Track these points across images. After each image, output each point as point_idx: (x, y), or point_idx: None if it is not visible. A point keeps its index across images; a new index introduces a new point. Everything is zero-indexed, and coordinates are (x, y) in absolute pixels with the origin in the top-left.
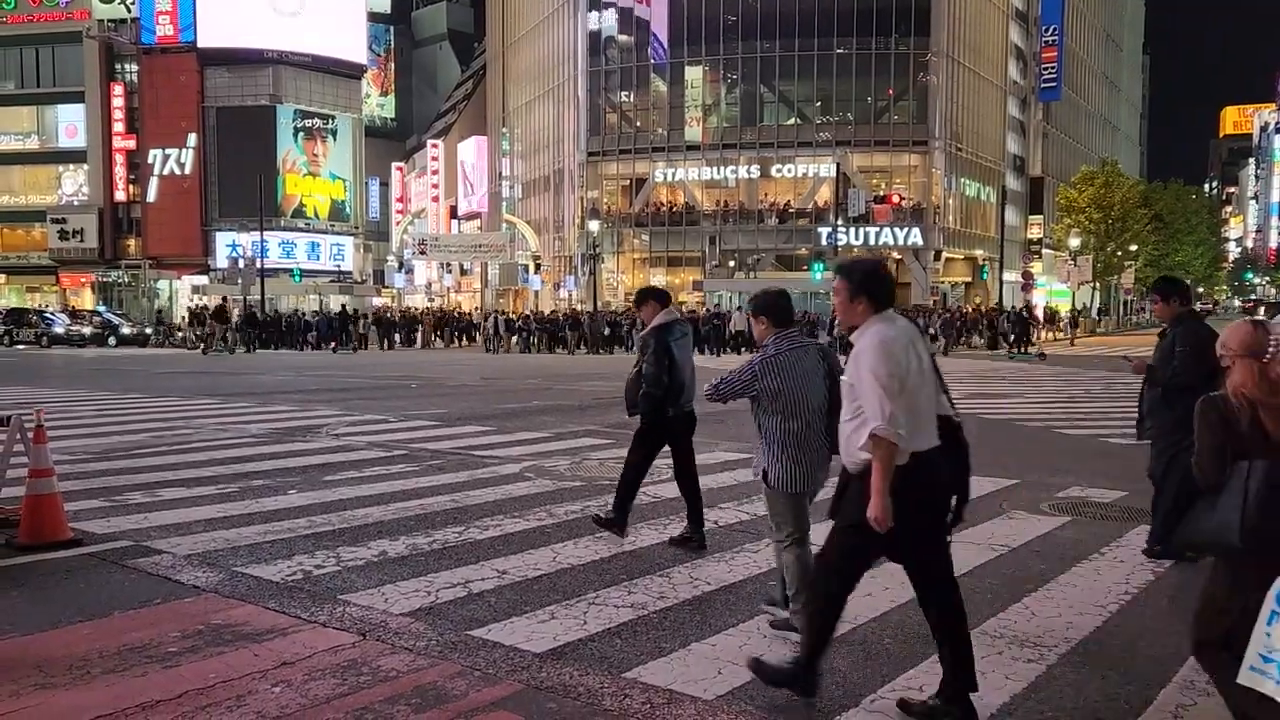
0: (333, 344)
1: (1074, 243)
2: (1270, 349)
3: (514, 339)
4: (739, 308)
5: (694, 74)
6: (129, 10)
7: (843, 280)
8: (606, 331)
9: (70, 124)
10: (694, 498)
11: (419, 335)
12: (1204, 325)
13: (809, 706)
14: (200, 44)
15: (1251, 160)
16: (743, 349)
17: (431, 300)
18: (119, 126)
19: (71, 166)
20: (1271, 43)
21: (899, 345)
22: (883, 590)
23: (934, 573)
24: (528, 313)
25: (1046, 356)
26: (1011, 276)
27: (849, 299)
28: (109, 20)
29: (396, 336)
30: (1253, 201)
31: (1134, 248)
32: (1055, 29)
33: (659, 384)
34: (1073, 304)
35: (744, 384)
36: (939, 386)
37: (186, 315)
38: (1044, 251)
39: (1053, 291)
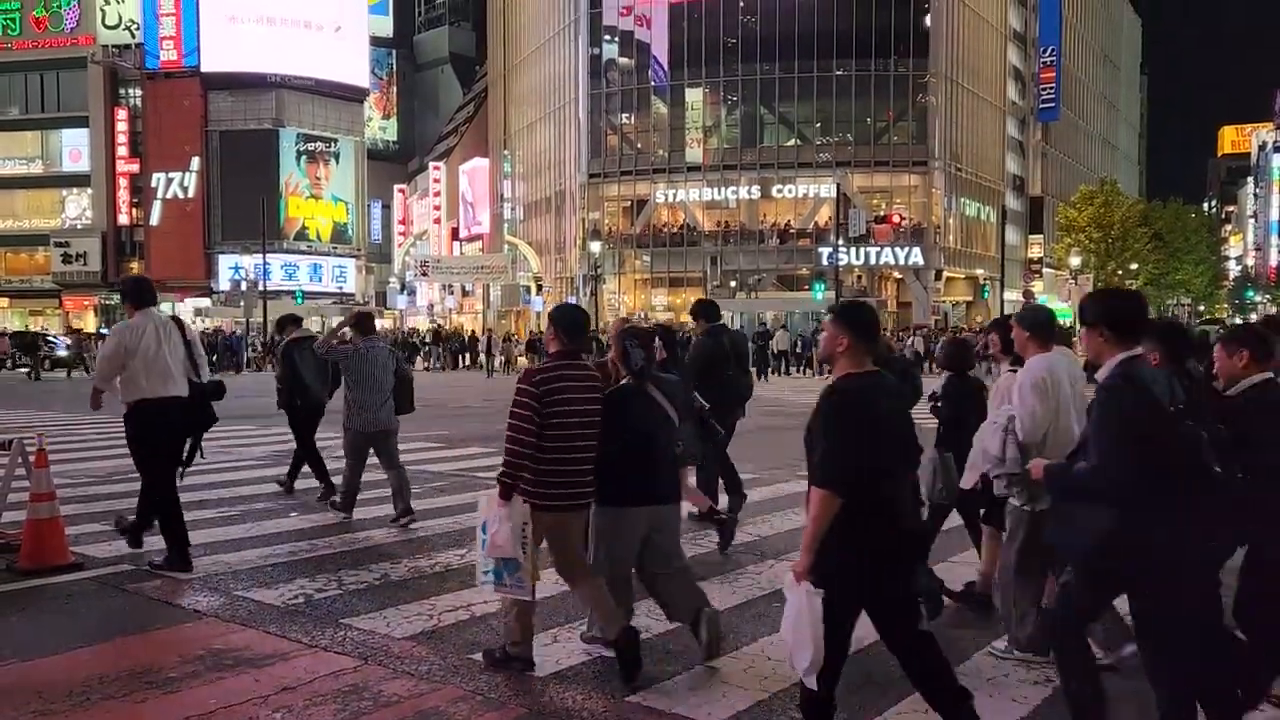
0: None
1: (1074, 262)
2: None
3: (520, 359)
4: (783, 326)
5: (694, 96)
6: (133, 35)
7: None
8: None
9: (74, 148)
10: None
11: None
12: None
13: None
14: (204, 68)
15: (1250, 179)
16: (792, 370)
17: (434, 321)
18: (123, 150)
19: (75, 190)
20: (1269, 62)
21: (134, 332)
22: None
23: (152, 471)
24: (531, 333)
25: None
26: (1012, 295)
27: (122, 303)
28: (113, 45)
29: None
30: (1252, 220)
31: (1134, 266)
32: (1053, 50)
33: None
34: (1072, 323)
35: (343, 363)
36: (199, 359)
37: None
38: (1045, 270)
39: (1054, 311)
